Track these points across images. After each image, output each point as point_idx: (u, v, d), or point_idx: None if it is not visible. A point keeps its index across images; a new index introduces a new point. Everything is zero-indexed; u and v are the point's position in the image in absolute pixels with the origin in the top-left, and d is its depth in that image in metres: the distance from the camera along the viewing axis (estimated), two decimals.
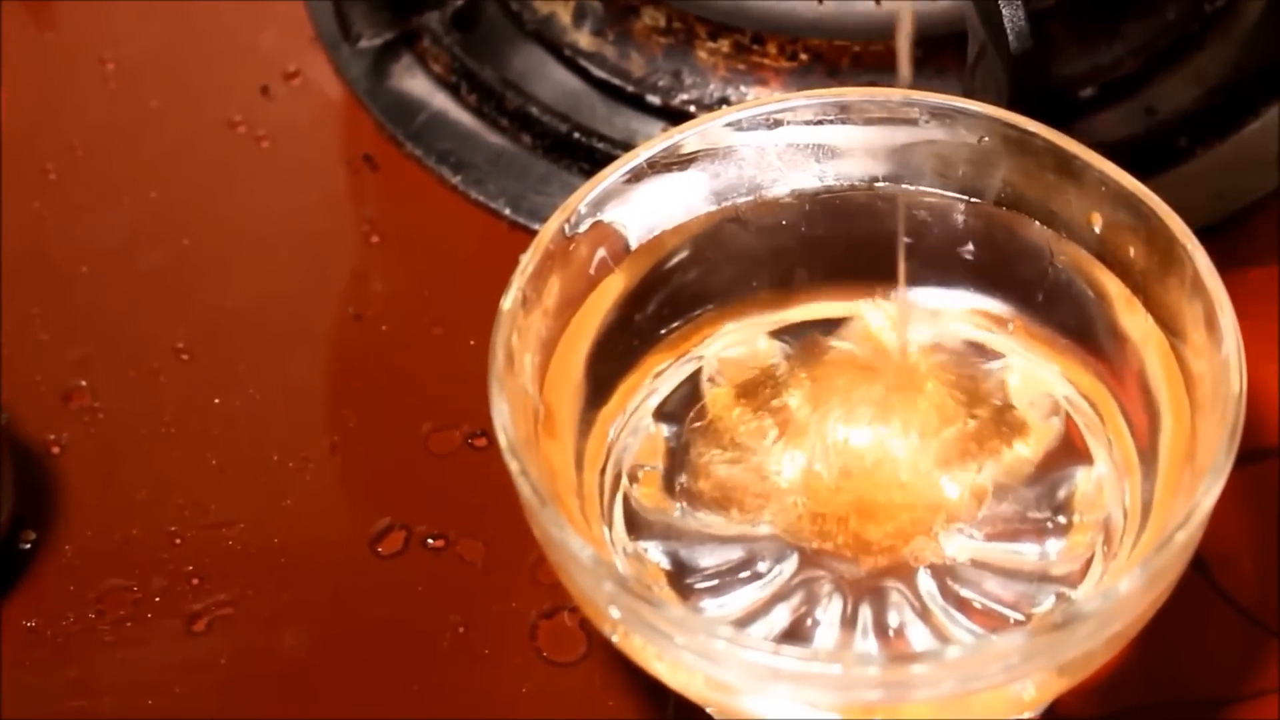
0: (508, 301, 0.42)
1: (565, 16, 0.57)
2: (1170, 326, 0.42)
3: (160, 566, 0.49)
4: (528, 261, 0.42)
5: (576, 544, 0.38)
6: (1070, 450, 0.44)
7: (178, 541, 0.49)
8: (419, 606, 0.48)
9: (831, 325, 0.46)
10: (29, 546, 0.49)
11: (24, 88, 0.60)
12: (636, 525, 0.44)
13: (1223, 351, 0.40)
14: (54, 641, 0.47)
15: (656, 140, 0.45)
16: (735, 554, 0.44)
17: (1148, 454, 0.43)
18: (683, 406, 0.46)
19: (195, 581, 0.48)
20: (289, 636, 0.48)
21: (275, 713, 0.46)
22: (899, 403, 0.44)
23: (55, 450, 0.51)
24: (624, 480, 0.44)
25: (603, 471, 0.44)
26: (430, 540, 0.49)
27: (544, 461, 0.42)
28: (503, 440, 0.40)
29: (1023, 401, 0.45)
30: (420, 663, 0.47)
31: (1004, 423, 0.45)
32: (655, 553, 0.44)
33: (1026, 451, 0.44)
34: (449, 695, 0.46)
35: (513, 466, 0.40)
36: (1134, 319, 0.43)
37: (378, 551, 0.49)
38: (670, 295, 0.46)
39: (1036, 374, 0.45)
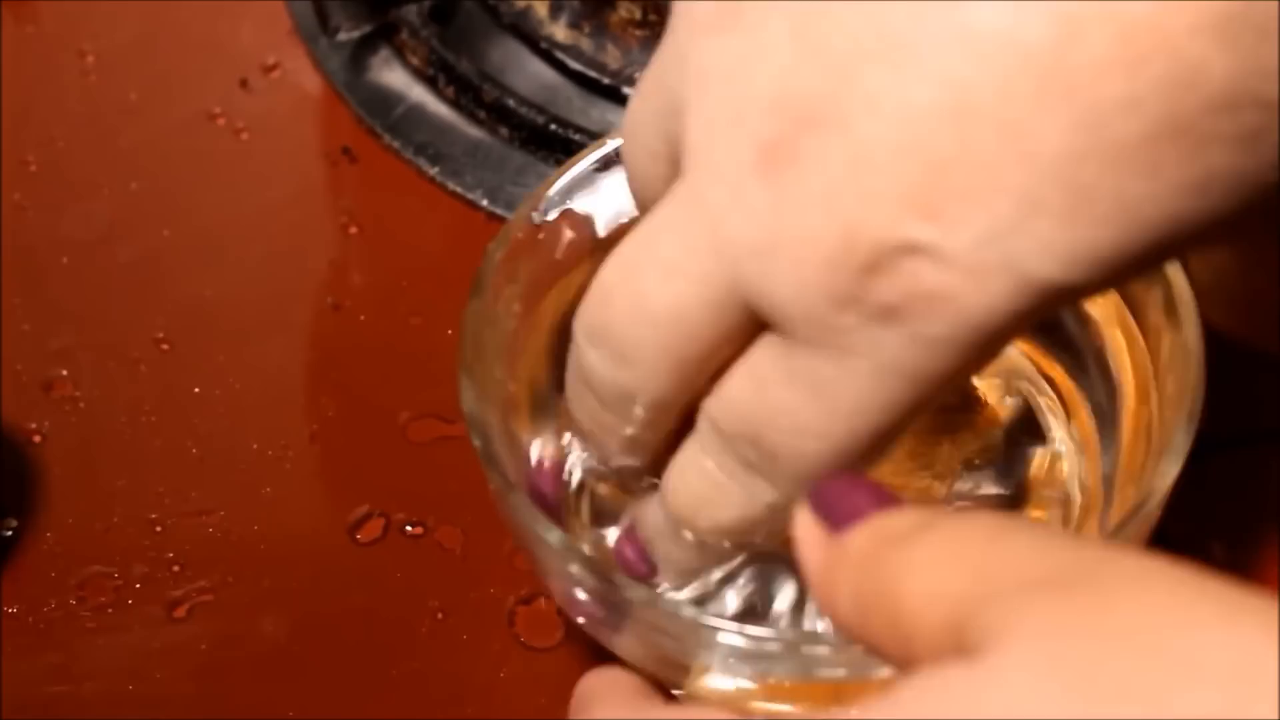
0: (477, 288, 0.42)
1: (542, 10, 0.58)
2: (1131, 306, 0.43)
3: (141, 554, 0.49)
4: (496, 248, 0.43)
5: (542, 528, 0.39)
6: (1029, 428, 0.45)
7: (158, 529, 0.50)
8: (398, 593, 0.48)
9: None
10: (11, 534, 0.49)
11: (4, 80, 0.60)
12: (598, 513, 0.44)
13: (1182, 334, 0.40)
14: (36, 627, 0.48)
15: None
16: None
17: (1108, 433, 0.43)
18: None
19: (176, 568, 0.49)
20: (268, 623, 0.48)
21: (255, 697, 0.47)
22: None
23: (37, 439, 0.51)
24: (585, 472, 0.45)
25: (559, 467, 0.45)
26: (409, 527, 0.50)
27: (513, 447, 0.42)
28: (471, 428, 0.41)
29: (981, 379, 0.46)
30: (399, 648, 0.48)
31: (964, 400, 0.45)
32: (613, 540, 0.44)
33: (986, 429, 0.45)
34: (428, 680, 0.47)
35: (481, 453, 0.40)
36: (1095, 299, 0.44)
37: (357, 539, 0.49)
38: None
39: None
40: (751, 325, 0.34)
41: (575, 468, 0.45)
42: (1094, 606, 0.28)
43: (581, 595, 0.39)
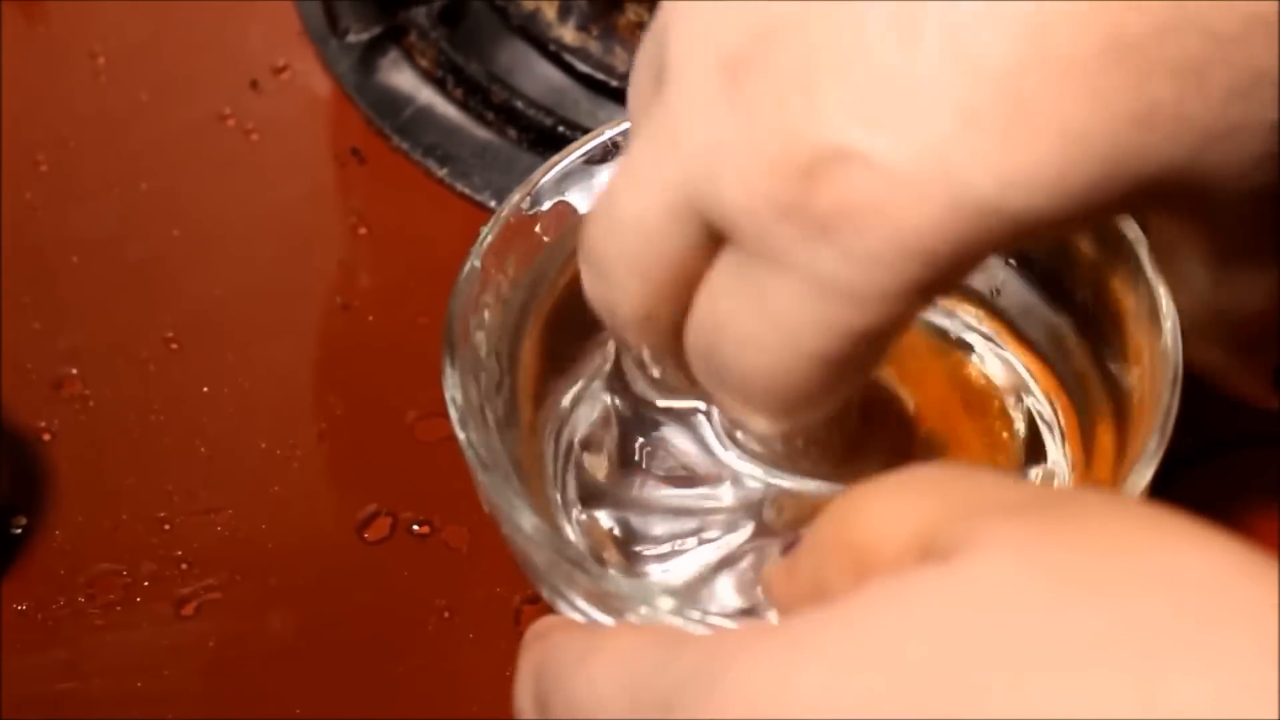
0: (465, 271, 0.42)
1: (550, 12, 0.58)
2: (1119, 317, 0.43)
3: (149, 551, 0.49)
4: (487, 233, 0.43)
5: (518, 511, 0.39)
6: (1030, 442, 0.45)
7: (167, 527, 0.50)
8: (404, 591, 0.49)
9: None
10: (20, 531, 0.50)
11: (15, 80, 0.60)
12: (589, 495, 0.45)
13: (1161, 343, 0.40)
14: (44, 624, 0.48)
15: (621, 122, 0.45)
16: (688, 524, 0.44)
17: (1089, 448, 0.43)
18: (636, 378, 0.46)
19: (184, 566, 0.49)
20: (276, 620, 0.48)
21: (262, 695, 0.47)
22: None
23: (46, 437, 0.51)
24: (576, 450, 0.45)
25: (557, 439, 0.45)
26: (416, 526, 0.50)
27: (504, 433, 0.42)
28: (451, 409, 0.41)
29: (995, 396, 0.46)
30: (405, 647, 0.48)
31: (973, 415, 0.45)
32: (606, 520, 0.44)
33: (993, 446, 0.45)
34: (434, 678, 0.47)
35: (460, 436, 0.40)
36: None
37: (364, 537, 0.50)
38: None
39: (1004, 363, 0.46)
40: (715, 239, 0.34)
41: (568, 438, 0.45)
42: (1066, 523, 0.28)
43: (555, 581, 0.39)
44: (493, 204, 0.56)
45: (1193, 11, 0.30)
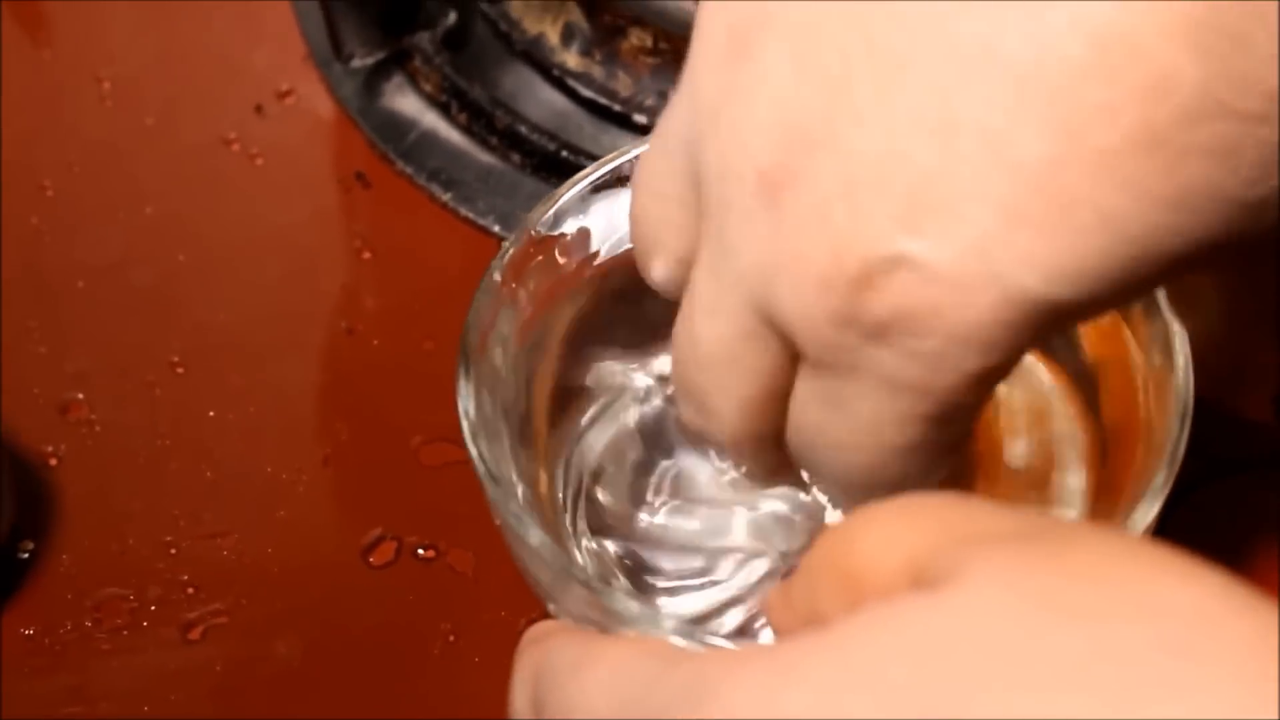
0: (484, 283, 0.42)
1: (554, 37, 0.58)
2: (1139, 349, 0.43)
3: (156, 576, 0.49)
4: (509, 247, 0.43)
5: (525, 526, 0.39)
6: (1045, 465, 0.45)
7: (173, 551, 0.50)
8: (410, 615, 0.49)
9: None
10: (27, 556, 0.50)
11: (21, 105, 0.61)
12: (599, 524, 0.45)
13: (1173, 379, 0.41)
14: (52, 649, 0.48)
15: (637, 145, 0.45)
16: (696, 561, 0.44)
17: (1103, 478, 0.44)
18: (655, 415, 0.46)
19: (190, 590, 0.49)
20: (282, 645, 0.49)
21: (269, 719, 0.47)
22: None
23: (53, 462, 0.52)
24: (586, 479, 0.45)
25: (567, 467, 0.45)
26: (421, 550, 0.50)
27: (516, 451, 0.42)
28: (464, 421, 0.41)
29: (1013, 413, 0.46)
30: (412, 670, 0.48)
31: (993, 435, 0.45)
32: (615, 549, 0.44)
33: (1017, 464, 0.45)
34: (440, 702, 0.47)
35: (471, 449, 0.40)
36: (1107, 342, 0.44)
37: (369, 562, 0.50)
38: (646, 298, 0.46)
39: (1031, 384, 0.46)
40: (794, 350, 0.35)
41: (579, 467, 0.45)
42: (1055, 553, 0.28)
43: (563, 599, 0.39)
44: (497, 229, 0.57)
45: (1218, 97, 0.31)
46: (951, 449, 0.36)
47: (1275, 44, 0.30)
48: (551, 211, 0.44)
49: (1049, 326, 0.33)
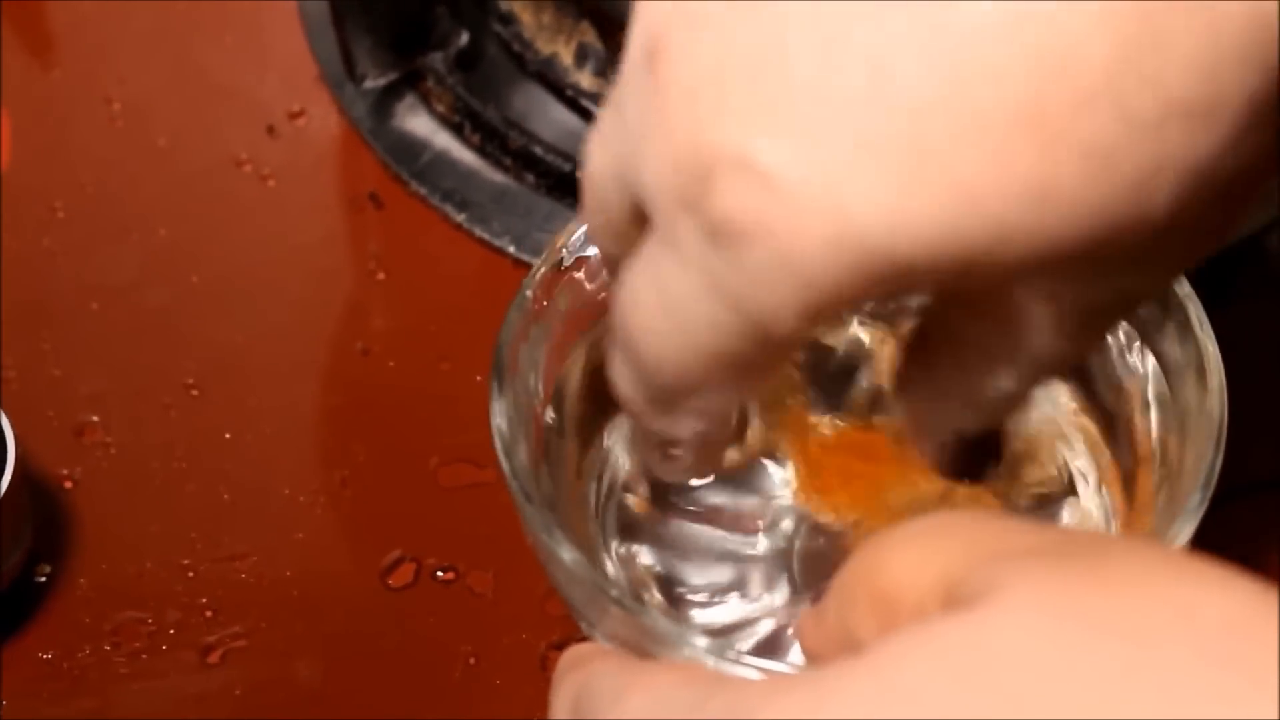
0: (516, 300, 0.43)
1: (567, 58, 0.58)
2: (1167, 371, 0.43)
3: (174, 599, 0.49)
4: (539, 266, 0.43)
5: (558, 543, 0.39)
6: (1067, 483, 0.45)
7: (191, 574, 0.50)
8: (430, 638, 0.49)
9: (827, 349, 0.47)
10: (44, 579, 0.50)
11: (32, 127, 0.60)
12: (629, 532, 0.45)
13: (1207, 401, 0.41)
14: (70, 673, 0.48)
15: None
16: (726, 572, 0.44)
17: (1129, 495, 0.44)
18: None
19: (209, 614, 0.49)
20: (302, 667, 0.48)
21: None
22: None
23: (68, 485, 0.52)
24: (618, 489, 0.45)
25: (599, 477, 0.45)
26: (440, 572, 0.50)
27: (541, 463, 0.42)
28: (497, 438, 0.41)
29: (1030, 431, 0.46)
30: (432, 693, 0.48)
31: (1012, 450, 0.45)
32: (646, 557, 0.44)
33: (1033, 479, 0.45)
34: None
35: (504, 465, 0.40)
36: (1131, 361, 0.44)
37: (388, 583, 0.50)
38: None
39: (1046, 402, 0.46)
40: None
41: (610, 476, 0.45)
42: (1088, 568, 0.28)
43: (595, 616, 0.39)
44: (511, 249, 0.56)
45: (1116, 91, 0.29)
46: (756, 372, 0.34)
47: (1193, 52, 0.29)
48: (581, 230, 0.44)
49: (881, 280, 0.31)
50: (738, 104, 0.31)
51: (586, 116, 0.58)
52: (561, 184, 0.57)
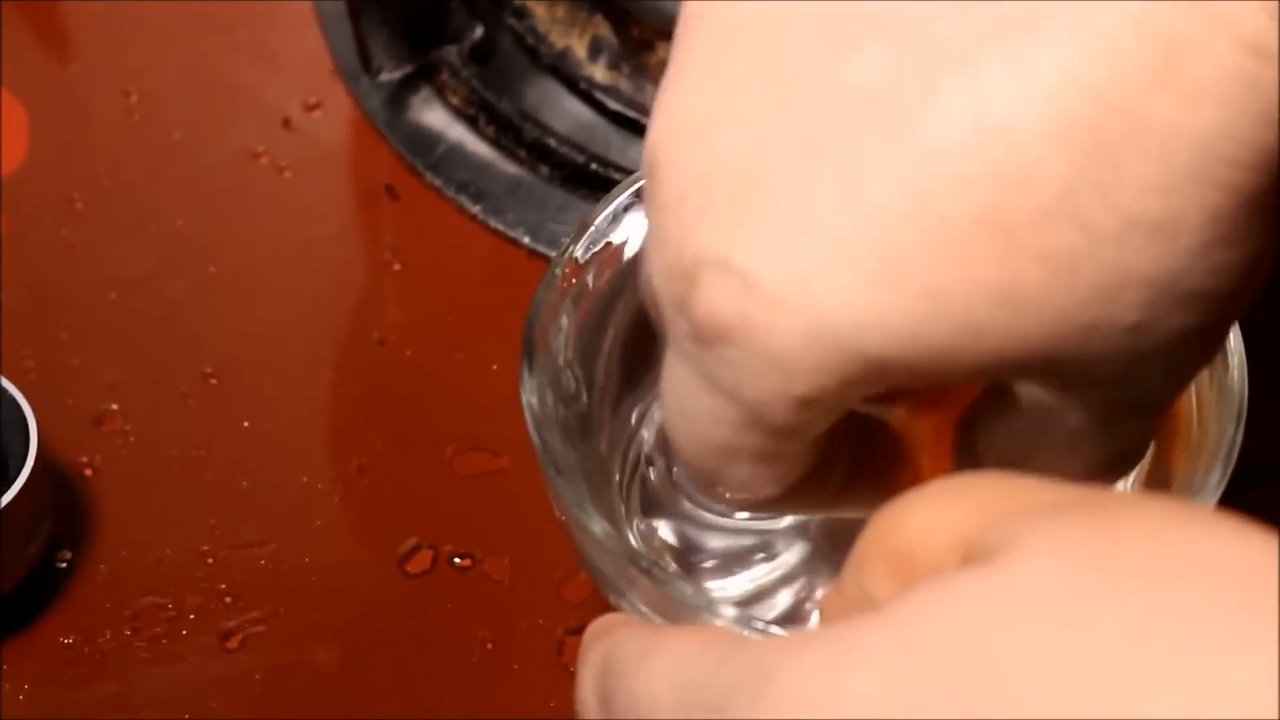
0: (546, 279, 0.43)
1: (581, 51, 0.59)
2: None
3: (194, 585, 0.50)
4: (569, 243, 0.44)
5: (589, 517, 0.40)
6: None
7: (210, 561, 0.50)
8: (447, 624, 0.49)
9: None
10: (65, 566, 0.50)
11: (50, 121, 0.61)
12: (650, 506, 0.45)
13: (1227, 377, 0.41)
14: (91, 658, 0.49)
15: None
16: (746, 540, 0.45)
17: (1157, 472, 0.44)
18: None
19: (228, 600, 0.50)
20: (320, 653, 0.49)
21: None
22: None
23: (88, 472, 0.52)
24: (642, 464, 0.46)
25: (625, 453, 0.46)
26: (457, 559, 0.50)
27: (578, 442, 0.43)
28: (528, 414, 0.41)
29: None
30: (449, 678, 0.48)
31: None
32: (665, 531, 0.45)
33: None
34: (478, 710, 0.48)
35: (536, 441, 0.41)
36: None
37: (406, 570, 0.50)
38: None
39: None
40: None
41: (636, 451, 0.45)
42: (1106, 520, 0.28)
43: (622, 586, 0.40)
44: (526, 240, 0.57)
45: (1075, 205, 0.31)
46: (782, 461, 0.36)
47: (1145, 171, 0.30)
48: (610, 209, 0.44)
49: (862, 375, 0.33)
50: (720, 211, 0.33)
51: (600, 109, 0.58)
52: (575, 176, 0.58)
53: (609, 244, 0.45)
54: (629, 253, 0.45)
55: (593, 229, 0.44)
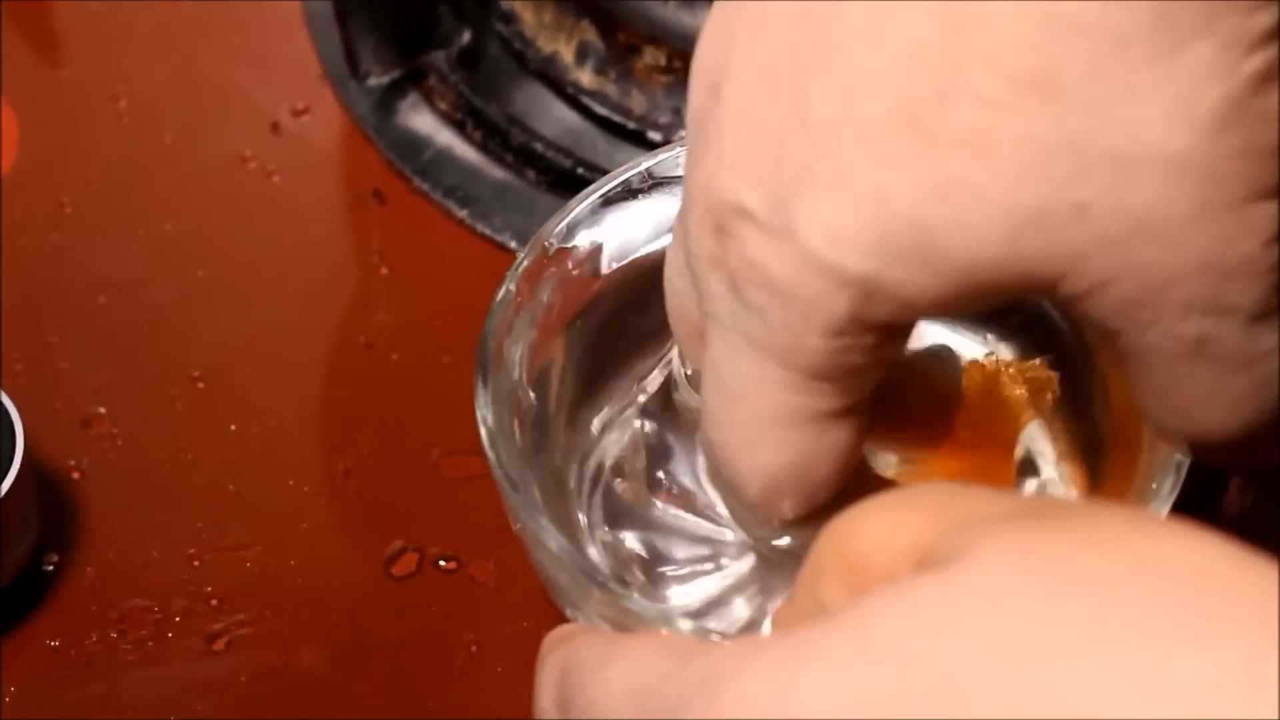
0: (500, 294, 0.43)
1: (568, 55, 0.59)
2: None
3: (180, 587, 0.50)
4: (523, 259, 0.44)
5: (544, 531, 0.40)
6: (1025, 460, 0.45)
7: (196, 563, 0.50)
8: (433, 626, 0.49)
9: None
10: (51, 568, 0.50)
11: (39, 125, 0.61)
12: (616, 517, 0.45)
13: None
14: (77, 660, 0.49)
15: (658, 153, 0.46)
16: (704, 550, 0.45)
17: (1094, 475, 0.44)
18: (667, 406, 0.47)
19: (214, 602, 0.50)
20: (306, 655, 0.49)
21: None
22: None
23: (75, 475, 0.52)
24: (606, 474, 0.46)
25: (582, 464, 0.46)
26: (443, 562, 0.51)
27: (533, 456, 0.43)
28: (482, 429, 0.42)
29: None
30: (435, 681, 0.48)
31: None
32: (632, 542, 0.45)
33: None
34: (463, 712, 0.48)
35: (490, 456, 0.41)
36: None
37: (392, 573, 0.50)
38: (656, 305, 0.47)
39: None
40: None
41: (596, 462, 0.46)
42: (1060, 526, 0.29)
43: (580, 601, 0.40)
44: (513, 244, 0.57)
45: (965, 77, 0.31)
46: (842, 434, 0.35)
47: (1008, 23, 0.30)
48: (564, 224, 0.45)
49: (866, 303, 0.32)
50: (732, 157, 0.34)
51: (587, 114, 0.59)
52: (562, 180, 0.58)
53: (565, 256, 0.45)
54: (587, 265, 0.45)
55: (547, 240, 0.44)
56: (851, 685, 0.28)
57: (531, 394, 0.44)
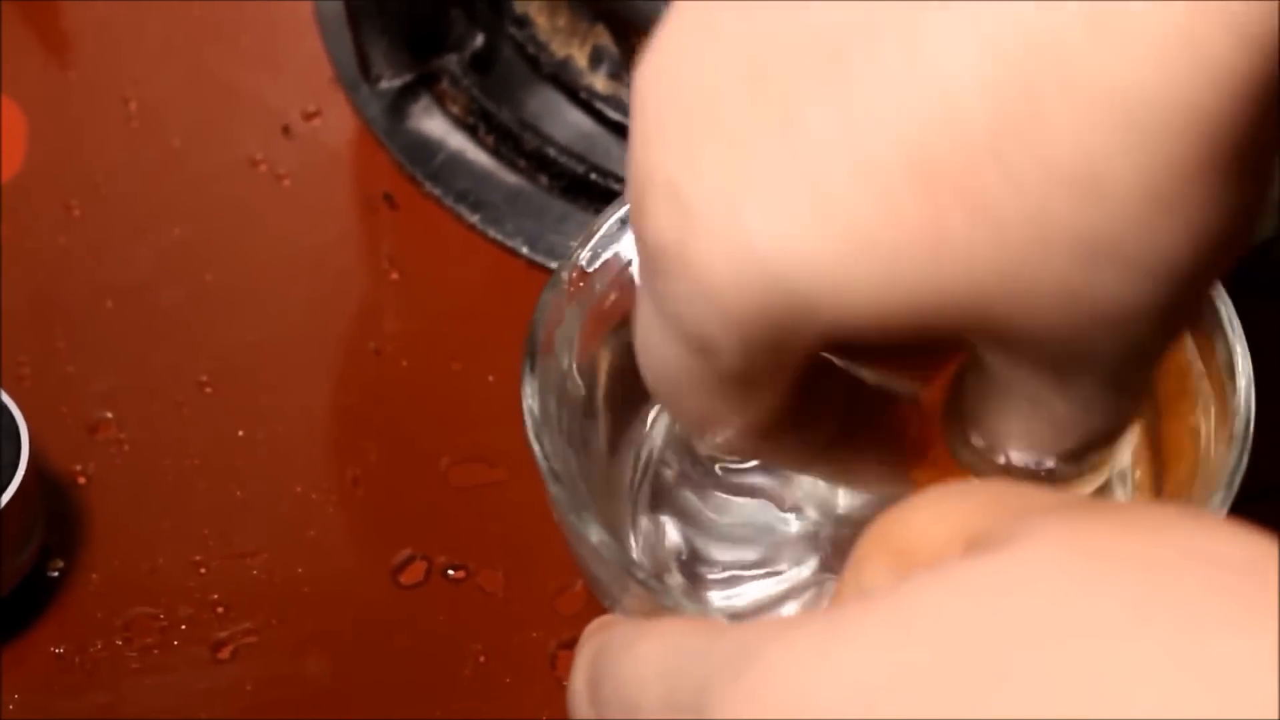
0: (552, 282, 0.43)
1: (581, 60, 0.58)
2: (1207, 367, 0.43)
3: (186, 595, 0.50)
4: (575, 249, 0.43)
5: (585, 524, 0.39)
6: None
7: (203, 570, 0.50)
8: (440, 636, 0.49)
9: None
10: (57, 574, 0.50)
11: (48, 127, 0.61)
12: (661, 509, 0.45)
13: (1234, 400, 0.41)
14: (82, 668, 0.48)
15: None
16: (751, 553, 0.44)
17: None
18: None
19: (220, 610, 0.49)
20: (312, 664, 0.49)
21: None
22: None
23: (81, 481, 0.52)
24: (654, 464, 0.45)
25: (636, 456, 0.45)
26: (451, 571, 0.50)
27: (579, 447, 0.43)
28: (528, 419, 0.41)
29: None
30: (442, 691, 0.48)
31: None
32: (674, 539, 0.44)
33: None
34: None
35: (534, 447, 0.40)
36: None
37: (399, 581, 0.50)
38: None
39: None
40: None
41: (647, 453, 0.45)
42: (1108, 519, 0.29)
43: (621, 597, 0.40)
44: (524, 250, 0.57)
45: (1000, 152, 0.30)
46: (757, 410, 0.35)
47: (1068, 122, 0.29)
48: (617, 215, 0.44)
49: (791, 317, 0.32)
50: (672, 134, 0.32)
51: (600, 119, 0.58)
52: (575, 186, 0.57)
53: (617, 251, 0.44)
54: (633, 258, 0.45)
55: (600, 234, 0.44)
56: (888, 658, 0.27)
57: (581, 383, 0.44)
